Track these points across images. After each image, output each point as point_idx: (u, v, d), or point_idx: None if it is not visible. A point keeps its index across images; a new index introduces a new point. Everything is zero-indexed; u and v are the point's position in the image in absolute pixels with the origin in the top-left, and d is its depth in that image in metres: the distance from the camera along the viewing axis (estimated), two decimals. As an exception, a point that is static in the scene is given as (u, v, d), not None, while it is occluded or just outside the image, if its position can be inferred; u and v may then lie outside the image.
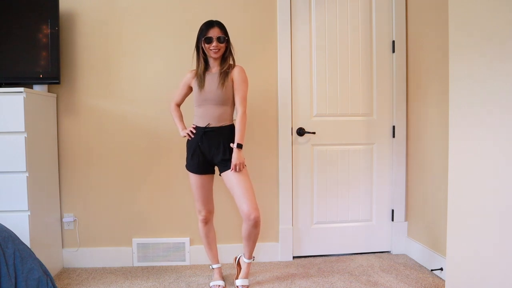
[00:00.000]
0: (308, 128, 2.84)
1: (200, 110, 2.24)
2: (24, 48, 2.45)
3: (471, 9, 1.74)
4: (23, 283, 1.62)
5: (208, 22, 2.21)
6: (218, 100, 2.20)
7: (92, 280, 2.51)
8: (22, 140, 2.22)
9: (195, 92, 2.26)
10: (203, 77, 2.23)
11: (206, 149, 2.24)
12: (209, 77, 2.24)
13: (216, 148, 2.22)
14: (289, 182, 2.83)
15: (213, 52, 2.18)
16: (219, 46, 2.18)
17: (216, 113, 2.21)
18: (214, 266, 2.45)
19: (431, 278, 2.48)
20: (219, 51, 2.19)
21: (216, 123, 2.22)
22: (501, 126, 1.58)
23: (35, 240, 2.31)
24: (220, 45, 2.18)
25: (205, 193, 2.32)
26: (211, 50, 2.18)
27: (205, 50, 2.21)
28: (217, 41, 2.17)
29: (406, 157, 2.93)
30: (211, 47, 2.17)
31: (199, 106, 2.24)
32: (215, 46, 2.17)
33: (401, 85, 2.89)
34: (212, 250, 2.45)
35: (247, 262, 2.35)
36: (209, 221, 2.40)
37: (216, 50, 2.18)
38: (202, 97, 2.22)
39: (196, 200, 2.34)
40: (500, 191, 1.60)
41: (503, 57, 1.56)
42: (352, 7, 2.86)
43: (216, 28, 2.18)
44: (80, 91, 2.71)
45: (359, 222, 2.95)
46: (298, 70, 2.82)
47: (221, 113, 2.22)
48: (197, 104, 2.26)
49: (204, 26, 2.20)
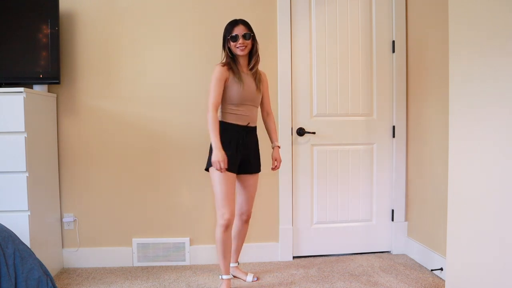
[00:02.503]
0: (308, 128, 2.84)
1: (241, 109, 2.22)
2: (24, 48, 2.45)
3: (471, 9, 1.74)
4: (23, 283, 1.62)
5: (233, 21, 2.21)
6: (255, 102, 2.27)
7: (92, 280, 2.51)
8: (22, 140, 2.22)
9: (233, 89, 2.18)
10: (240, 75, 2.21)
11: (245, 148, 2.25)
12: (245, 76, 2.23)
13: (254, 147, 2.31)
14: (289, 182, 2.83)
15: (240, 49, 2.17)
16: (246, 43, 2.17)
17: (255, 114, 2.29)
18: (225, 277, 2.25)
19: (431, 278, 2.48)
20: (245, 48, 2.18)
21: (253, 123, 2.29)
22: (501, 126, 1.58)
23: (35, 240, 2.31)
24: (246, 42, 2.17)
25: (233, 193, 2.20)
26: (238, 48, 2.17)
27: (232, 48, 2.20)
28: (242, 38, 2.16)
29: (406, 157, 2.93)
30: (237, 45, 2.17)
31: (238, 105, 2.21)
32: (241, 43, 2.16)
33: (401, 85, 2.89)
34: (226, 260, 2.24)
35: (236, 265, 2.48)
36: (230, 227, 2.20)
37: (243, 47, 2.17)
38: (243, 96, 2.20)
39: (220, 202, 2.16)
40: (500, 191, 1.60)
41: (503, 57, 1.56)
42: (352, 7, 2.86)
43: (241, 26, 2.18)
44: (80, 91, 2.71)
45: (359, 222, 2.95)
46: (298, 70, 2.82)
47: (256, 114, 2.31)
48: (236, 102, 2.20)
49: (229, 25, 2.21)
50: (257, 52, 2.27)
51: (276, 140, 2.40)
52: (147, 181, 2.76)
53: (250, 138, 2.29)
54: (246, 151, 2.26)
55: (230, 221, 2.17)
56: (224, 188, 2.15)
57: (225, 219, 2.15)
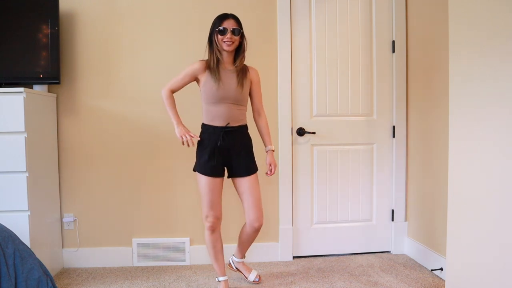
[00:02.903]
0: (308, 128, 2.84)
1: (217, 109, 2.10)
2: (24, 48, 2.45)
3: (471, 9, 1.74)
4: (23, 283, 1.62)
5: (223, 14, 2.11)
6: (237, 100, 2.12)
7: (92, 280, 2.51)
8: (22, 140, 2.22)
9: (209, 88, 2.10)
10: (218, 72, 2.10)
11: (225, 150, 2.12)
12: (225, 73, 2.11)
13: (239, 148, 2.15)
14: (289, 182, 2.83)
15: (227, 44, 2.06)
16: (233, 39, 2.07)
17: (236, 113, 2.13)
18: (221, 279, 2.27)
19: (431, 278, 2.48)
20: (232, 44, 2.08)
21: (235, 122, 2.14)
22: (501, 126, 1.58)
23: (35, 240, 2.31)
24: (234, 38, 2.07)
25: (216, 197, 2.16)
26: (225, 43, 2.06)
27: (218, 42, 2.09)
28: (231, 33, 2.06)
29: (406, 157, 2.93)
30: (224, 39, 2.06)
31: (214, 104, 2.10)
32: (229, 38, 2.05)
33: (401, 85, 2.89)
34: (219, 261, 2.26)
35: (242, 261, 2.45)
36: (216, 229, 2.21)
37: (229, 43, 2.06)
38: (220, 95, 2.09)
39: (204, 205, 2.17)
40: (500, 191, 1.60)
41: (503, 57, 1.56)
42: (352, 7, 2.86)
43: (231, 20, 2.08)
44: (80, 91, 2.71)
45: (359, 222, 2.95)
46: (298, 70, 2.82)
47: (239, 113, 2.15)
48: (211, 102, 2.11)
49: (218, 19, 2.11)
50: (244, 49, 2.16)
51: (269, 143, 2.26)
52: (147, 181, 2.76)
53: (233, 139, 2.13)
54: (228, 153, 2.14)
55: (215, 224, 2.19)
56: (207, 192, 2.13)
57: (209, 221, 2.17)
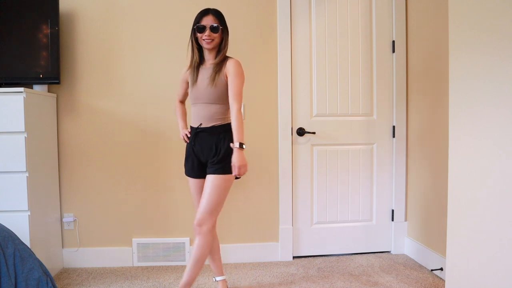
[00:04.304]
0: (308, 128, 2.84)
1: (194, 110, 2.05)
2: (24, 48, 2.45)
3: (471, 9, 1.74)
4: (23, 283, 1.62)
5: (203, 10, 1.99)
6: (209, 99, 1.99)
7: (92, 280, 2.51)
8: (22, 140, 2.22)
9: (188, 89, 2.09)
10: (196, 71, 2.03)
11: (199, 151, 2.05)
12: (203, 71, 2.03)
13: (209, 149, 2.01)
14: (289, 182, 2.83)
15: (206, 42, 1.96)
16: (212, 36, 1.95)
17: (208, 113, 2.00)
18: (218, 279, 2.25)
19: (431, 278, 2.48)
20: (212, 41, 1.96)
21: (207, 123, 2.01)
22: (501, 126, 1.58)
23: (35, 240, 2.31)
24: (213, 35, 1.95)
25: (198, 198, 2.13)
26: (204, 40, 1.96)
27: (199, 40, 1.99)
28: (210, 30, 1.95)
29: (406, 157, 2.93)
30: (203, 37, 1.95)
31: (193, 105, 2.05)
32: (207, 35, 1.94)
33: (401, 85, 2.89)
34: (215, 261, 2.23)
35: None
36: None
37: (209, 41, 1.95)
38: (194, 95, 2.03)
39: (194, 206, 2.17)
40: (500, 190, 1.60)
41: (503, 57, 1.56)
42: (352, 7, 2.86)
43: (210, 16, 1.96)
44: (80, 91, 2.71)
45: (359, 222, 2.95)
46: (298, 70, 2.82)
47: (213, 113, 2.00)
48: (191, 102, 2.07)
49: (198, 14, 1.99)
50: (226, 46, 2.02)
51: (236, 139, 1.91)
52: (147, 181, 2.76)
53: (202, 140, 2.02)
54: (202, 154, 2.05)
55: None
56: (191, 192, 2.17)
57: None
